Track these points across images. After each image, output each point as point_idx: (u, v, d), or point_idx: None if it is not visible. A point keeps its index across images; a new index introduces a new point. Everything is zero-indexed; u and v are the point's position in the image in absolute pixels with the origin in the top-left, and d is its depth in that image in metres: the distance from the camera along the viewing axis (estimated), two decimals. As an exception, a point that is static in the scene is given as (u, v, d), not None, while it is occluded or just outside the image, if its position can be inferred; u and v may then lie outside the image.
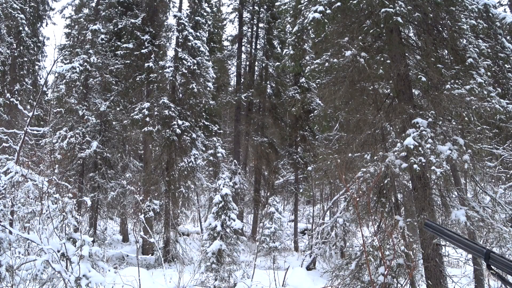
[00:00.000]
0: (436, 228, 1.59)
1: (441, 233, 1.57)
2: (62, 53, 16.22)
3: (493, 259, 1.37)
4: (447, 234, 1.55)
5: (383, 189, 8.11)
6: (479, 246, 1.44)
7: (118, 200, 16.52)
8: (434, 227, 1.59)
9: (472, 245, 1.46)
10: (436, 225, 1.60)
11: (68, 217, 6.28)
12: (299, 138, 20.62)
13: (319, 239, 14.54)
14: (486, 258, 1.39)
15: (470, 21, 7.70)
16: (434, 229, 1.59)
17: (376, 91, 8.43)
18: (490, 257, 1.38)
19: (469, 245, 1.47)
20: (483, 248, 1.41)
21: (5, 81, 20.38)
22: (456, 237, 1.51)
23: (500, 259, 1.35)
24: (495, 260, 1.36)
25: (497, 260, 1.35)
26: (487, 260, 1.39)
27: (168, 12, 18.52)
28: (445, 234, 1.55)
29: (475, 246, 1.45)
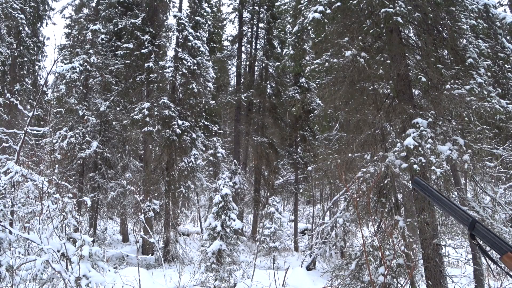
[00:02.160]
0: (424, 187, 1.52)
1: (430, 193, 1.50)
2: (62, 53, 16.22)
3: (477, 229, 1.35)
4: (435, 196, 1.49)
5: (383, 189, 8.11)
6: (466, 214, 1.40)
7: (118, 200, 16.52)
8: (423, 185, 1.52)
9: (458, 212, 1.42)
10: (425, 183, 1.52)
11: (68, 217, 6.28)
12: (299, 138, 20.63)
13: (319, 239, 14.55)
14: (471, 228, 1.37)
15: (470, 21, 7.70)
16: (422, 188, 1.53)
17: (376, 91, 8.43)
18: (475, 227, 1.36)
19: (456, 211, 1.43)
20: (469, 217, 1.38)
21: (5, 81, 20.39)
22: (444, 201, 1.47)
23: (485, 231, 1.34)
24: (480, 231, 1.35)
25: (482, 231, 1.34)
26: (471, 230, 1.36)
27: (168, 12, 18.52)
28: (433, 196, 1.50)
29: (461, 213, 1.41)
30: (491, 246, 1.34)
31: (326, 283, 9.35)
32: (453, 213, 1.44)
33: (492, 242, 1.33)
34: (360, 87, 8.44)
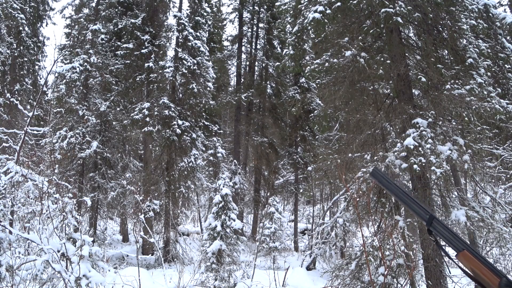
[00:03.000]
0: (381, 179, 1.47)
1: (387, 187, 1.45)
2: (62, 53, 16.22)
3: (435, 225, 1.35)
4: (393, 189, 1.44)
5: (383, 189, 8.10)
6: (424, 210, 1.38)
7: (118, 200, 16.52)
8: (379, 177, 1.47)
9: (416, 208, 1.40)
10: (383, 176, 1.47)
11: (68, 217, 6.28)
12: (299, 138, 20.62)
13: (319, 239, 14.55)
14: (428, 223, 1.36)
15: (470, 21, 7.70)
16: (379, 180, 1.48)
17: (376, 91, 8.43)
18: (433, 222, 1.36)
19: (413, 206, 1.40)
20: (427, 212, 1.37)
21: (5, 81, 20.38)
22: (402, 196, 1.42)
23: (441, 226, 1.34)
24: (437, 226, 1.35)
25: (438, 227, 1.34)
26: (429, 225, 1.36)
27: (168, 12, 18.53)
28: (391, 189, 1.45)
29: (419, 209, 1.39)
30: (448, 243, 1.34)
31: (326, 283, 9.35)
32: (411, 208, 1.41)
33: (448, 239, 1.33)
34: (360, 87, 8.44)
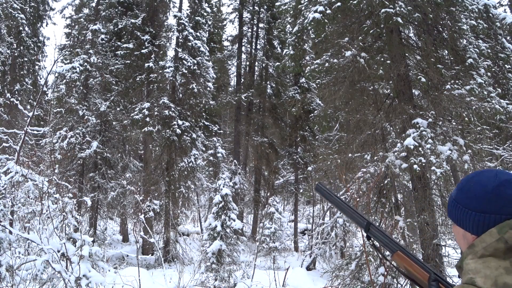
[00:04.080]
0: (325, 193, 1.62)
1: (329, 199, 1.60)
2: (62, 53, 16.22)
3: (372, 230, 1.46)
4: (335, 201, 1.58)
5: (383, 190, 8.11)
6: (361, 217, 1.51)
7: (118, 200, 16.52)
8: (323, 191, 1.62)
9: (355, 216, 1.53)
10: (326, 190, 1.61)
11: (68, 217, 6.29)
12: (299, 138, 20.62)
13: (319, 239, 14.55)
14: (366, 230, 1.48)
15: (470, 21, 7.71)
16: (323, 194, 1.62)
17: (376, 91, 8.43)
18: (370, 229, 1.47)
19: (352, 215, 1.54)
20: (364, 220, 1.50)
21: (5, 81, 20.38)
22: (342, 206, 1.57)
23: (377, 231, 1.45)
24: (374, 232, 1.46)
25: (375, 232, 1.45)
26: (367, 231, 1.47)
27: (168, 12, 18.52)
28: (333, 201, 1.59)
29: (357, 217, 1.52)
30: (384, 246, 1.43)
31: (326, 283, 9.36)
32: (351, 217, 1.55)
33: (384, 242, 1.43)
34: (360, 87, 8.44)
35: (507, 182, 1.09)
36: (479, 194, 1.12)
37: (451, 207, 1.21)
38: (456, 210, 1.18)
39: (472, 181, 1.16)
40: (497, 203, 1.08)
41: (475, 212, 1.11)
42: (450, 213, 1.22)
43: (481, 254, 1.06)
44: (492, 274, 1.00)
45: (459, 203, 1.17)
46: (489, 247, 1.05)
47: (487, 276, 1.01)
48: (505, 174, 1.12)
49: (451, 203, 1.21)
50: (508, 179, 1.10)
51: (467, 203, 1.14)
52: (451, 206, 1.21)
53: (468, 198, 1.14)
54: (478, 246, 1.07)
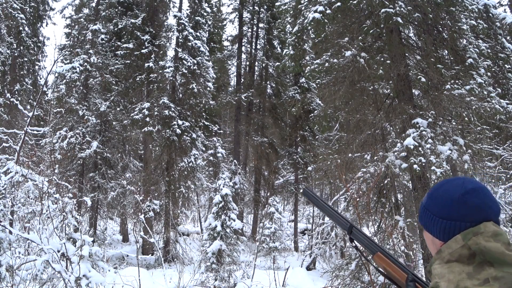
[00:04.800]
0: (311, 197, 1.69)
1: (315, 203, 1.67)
2: (62, 53, 16.22)
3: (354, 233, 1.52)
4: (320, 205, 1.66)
5: (383, 189, 8.11)
6: (345, 221, 1.58)
7: (118, 200, 16.52)
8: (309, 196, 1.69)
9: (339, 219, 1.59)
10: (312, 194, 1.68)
11: (68, 217, 6.29)
12: (299, 138, 20.61)
13: (319, 239, 14.55)
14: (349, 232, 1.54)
15: (470, 21, 7.71)
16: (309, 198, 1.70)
17: (376, 91, 8.43)
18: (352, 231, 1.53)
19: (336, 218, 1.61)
20: (347, 223, 1.56)
21: (5, 81, 20.37)
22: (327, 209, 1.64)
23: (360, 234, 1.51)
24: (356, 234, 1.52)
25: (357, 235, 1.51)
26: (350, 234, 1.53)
27: (168, 12, 18.53)
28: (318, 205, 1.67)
29: (341, 220, 1.59)
30: (365, 247, 1.49)
31: (326, 283, 9.36)
32: (335, 220, 1.62)
33: (365, 243, 1.49)
34: (360, 87, 8.44)
35: (473, 190, 1.14)
36: (446, 202, 1.16)
37: (421, 213, 1.25)
38: (426, 216, 1.22)
39: (440, 189, 1.20)
40: (462, 211, 1.13)
41: (442, 219, 1.16)
42: (421, 219, 1.26)
43: (447, 260, 1.10)
44: (455, 279, 1.04)
45: (428, 210, 1.21)
46: (454, 253, 1.09)
47: (450, 281, 1.05)
48: (471, 183, 1.16)
49: (421, 209, 1.25)
50: (474, 187, 1.14)
51: (435, 210, 1.18)
52: (421, 212, 1.25)
53: (436, 205, 1.19)
54: (444, 251, 1.12)
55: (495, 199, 1.17)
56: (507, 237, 1.09)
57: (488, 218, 1.12)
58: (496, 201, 1.17)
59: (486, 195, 1.15)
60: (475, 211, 1.12)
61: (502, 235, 1.08)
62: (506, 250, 1.04)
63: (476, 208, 1.12)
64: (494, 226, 1.10)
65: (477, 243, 1.06)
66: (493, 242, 1.06)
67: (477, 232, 1.08)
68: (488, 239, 1.06)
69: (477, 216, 1.11)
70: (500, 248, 1.04)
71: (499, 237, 1.07)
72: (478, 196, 1.13)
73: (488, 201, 1.14)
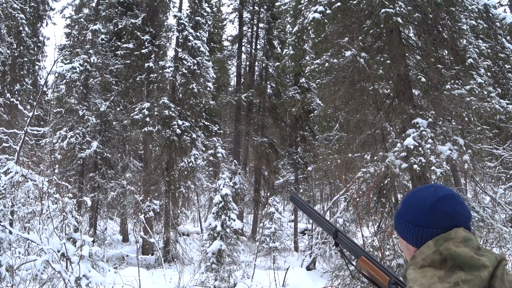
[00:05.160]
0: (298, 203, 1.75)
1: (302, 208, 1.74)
2: (62, 53, 16.22)
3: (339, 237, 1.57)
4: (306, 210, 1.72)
5: (383, 189, 8.11)
6: (330, 225, 1.63)
7: (118, 200, 16.52)
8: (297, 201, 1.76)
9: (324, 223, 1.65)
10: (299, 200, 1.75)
11: (68, 217, 6.29)
12: (299, 138, 20.62)
13: (319, 239, 14.54)
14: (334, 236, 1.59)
15: (470, 21, 7.71)
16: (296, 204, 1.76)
17: (376, 91, 8.43)
18: (337, 235, 1.58)
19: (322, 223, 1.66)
20: (332, 227, 1.61)
21: (5, 81, 20.37)
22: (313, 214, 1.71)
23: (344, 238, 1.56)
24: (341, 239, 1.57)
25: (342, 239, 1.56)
26: (335, 238, 1.58)
27: (168, 12, 18.52)
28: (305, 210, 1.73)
29: (326, 224, 1.64)
30: (349, 251, 1.54)
31: (326, 283, 9.36)
32: (321, 225, 1.67)
33: (350, 247, 1.54)
34: (360, 87, 8.44)
35: (444, 198, 1.18)
36: (419, 209, 1.20)
37: (395, 220, 1.29)
38: (400, 223, 1.26)
39: (414, 197, 1.25)
40: (434, 218, 1.17)
41: (415, 226, 1.20)
42: (395, 226, 1.29)
43: (421, 265, 1.14)
44: (427, 282, 1.08)
45: (402, 217, 1.25)
46: (427, 258, 1.13)
47: (422, 284, 1.09)
48: (443, 190, 1.21)
49: (396, 216, 1.29)
50: (446, 195, 1.19)
51: (408, 218, 1.22)
52: (396, 219, 1.29)
53: (409, 212, 1.23)
54: (418, 257, 1.15)
55: (466, 206, 1.21)
56: (476, 242, 1.13)
57: (459, 224, 1.16)
58: (467, 208, 1.21)
59: (457, 202, 1.19)
60: (446, 218, 1.16)
61: (472, 240, 1.12)
62: (475, 254, 1.08)
63: (447, 215, 1.17)
64: (465, 231, 1.15)
65: (448, 249, 1.10)
66: (463, 247, 1.10)
67: (448, 238, 1.13)
68: (458, 245, 1.11)
69: (448, 222, 1.16)
70: (469, 253, 1.09)
71: (469, 242, 1.11)
72: (449, 203, 1.18)
73: (459, 208, 1.18)
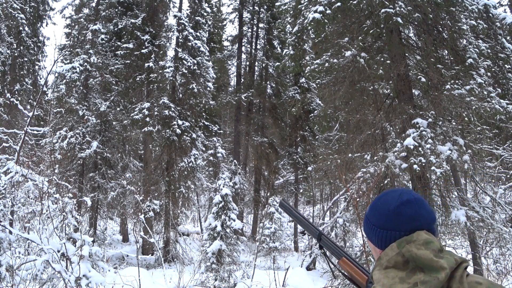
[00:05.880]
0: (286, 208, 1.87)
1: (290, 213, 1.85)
2: (62, 53, 16.20)
3: (323, 240, 1.65)
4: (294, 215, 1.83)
5: (383, 189, 8.11)
6: (315, 228, 1.71)
7: (118, 200, 16.52)
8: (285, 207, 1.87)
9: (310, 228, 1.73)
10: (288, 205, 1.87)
11: (68, 217, 6.29)
12: (299, 138, 20.62)
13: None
14: (318, 239, 1.67)
15: (470, 21, 7.70)
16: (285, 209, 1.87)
17: (376, 91, 8.43)
18: (321, 238, 1.66)
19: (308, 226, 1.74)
20: (317, 230, 1.69)
21: (5, 81, 20.37)
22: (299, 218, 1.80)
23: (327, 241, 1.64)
24: (324, 241, 1.65)
25: (326, 242, 1.64)
26: (319, 241, 1.66)
27: (168, 12, 18.52)
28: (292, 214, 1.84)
29: (311, 227, 1.72)
30: (332, 253, 1.62)
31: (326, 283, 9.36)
32: (307, 228, 1.75)
33: (332, 249, 1.61)
34: (360, 87, 8.44)
35: (407, 202, 1.23)
36: (383, 213, 1.26)
37: (364, 223, 1.34)
38: (367, 226, 1.31)
39: (380, 200, 1.30)
40: (397, 221, 1.22)
41: (380, 229, 1.25)
42: (364, 228, 1.34)
43: (385, 266, 1.18)
44: (388, 283, 1.14)
45: (369, 220, 1.30)
46: (391, 259, 1.18)
47: (384, 285, 1.14)
48: (407, 194, 1.25)
49: (364, 220, 1.34)
50: (409, 199, 1.24)
51: (374, 221, 1.28)
52: (364, 222, 1.34)
53: (375, 216, 1.28)
54: (383, 258, 1.20)
55: (429, 209, 1.25)
56: (437, 244, 1.17)
57: (421, 227, 1.21)
58: (431, 211, 1.25)
59: (420, 206, 1.23)
60: (409, 221, 1.21)
61: (433, 242, 1.16)
62: (434, 257, 1.13)
63: (410, 218, 1.21)
64: (427, 234, 1.19)
65: (410, 251, 1.15)
66: (424, 249, 1.14)
67: (410, 240, 1.17)
68: (420, 247, 1.15)
69: (411, 225, 1.20)
70: (429, 255, 1.13)
71: (430, 245, 1.15)
72: (412, 207, 1.22)
73: (422, 212, 1.23)
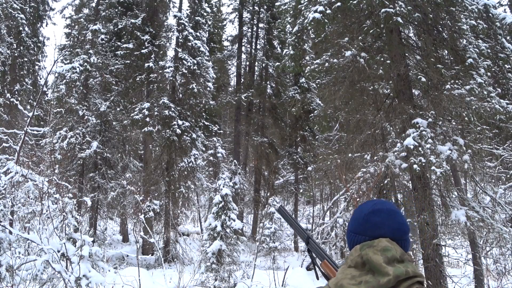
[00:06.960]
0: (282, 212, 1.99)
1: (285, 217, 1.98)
2: (62, 53, 16.20)
3: (310, 243, 1.77)
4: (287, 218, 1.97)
5: (383, 189, 8.11)
6: (304, 232, 1.84)
7: (118, 200, 16.52)
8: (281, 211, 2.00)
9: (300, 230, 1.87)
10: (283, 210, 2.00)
11: (68, 217, 6.29)
12: (299, 138, 20.62)
13: (319, 239, 14.53)
14: (306, 243, 1.79)
15: (470, 21, 7.70)
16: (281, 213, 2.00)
17: (376, 91, 8.43)
18: (309, 242, 1.77)
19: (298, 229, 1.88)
20: (306, 234, 1.81)
21: (5, 81, 20.35)
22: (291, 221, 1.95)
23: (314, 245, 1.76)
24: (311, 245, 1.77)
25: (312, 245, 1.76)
26: (307, 244, 1.78)
27: (168, 12, 18.52)
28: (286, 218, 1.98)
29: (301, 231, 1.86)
30: (317, 255, 1.73)
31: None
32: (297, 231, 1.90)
33: (317, 252, 1.73)
34: (360, 87, 8.44)
35: (378, 211, 1.36)
36: (356, 218, 1.40)
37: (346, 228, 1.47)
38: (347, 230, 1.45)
39: (357, 208, 1.43)
40: (364, 227, 1.36)
41: (351, 233, 1.39)
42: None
43: (349, 265, 1.30)
44: (340, 277, 1.27)
45: (347, 225, 1.45)
46: (353, 260, 1.30)
47: (336, 278, 1.27)
48: (380, 205, 1.38)
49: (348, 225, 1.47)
50: (380, 208, 1.37)
51: (349, 225, 1.42)
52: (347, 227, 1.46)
53: (351, 221, 1.42)
54: (348, 258, 1.32)
55: (401, 221, 1.36)
56: (395, 253, 1.26)
57: (385, 235, 1.32)
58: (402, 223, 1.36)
59: (390, 216, 1.35)
60: (374, 228, 1.34)
61: (390, 250, 1.26)
62: (383, 263, 1.23)
63: (375, 226, 1.34)
64: (388, 242, 1.29)
65: (367, 254, 1.26)
66: (379, 255, 1.24)
67: (371, 245, 1.29)
68: (376, 252, 1.26)
69: (375, 232, 1.33)
70: (380, 260, 1.23)
71: (386, 252, 1.25)
72: (379, 216, 1.35)
73: (388, 221, 1.34)
